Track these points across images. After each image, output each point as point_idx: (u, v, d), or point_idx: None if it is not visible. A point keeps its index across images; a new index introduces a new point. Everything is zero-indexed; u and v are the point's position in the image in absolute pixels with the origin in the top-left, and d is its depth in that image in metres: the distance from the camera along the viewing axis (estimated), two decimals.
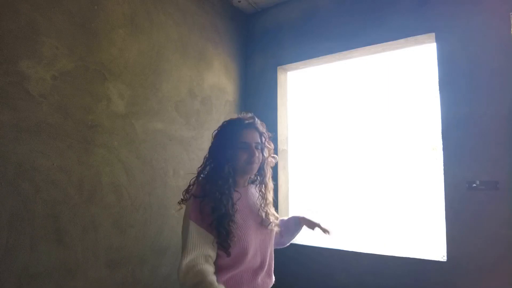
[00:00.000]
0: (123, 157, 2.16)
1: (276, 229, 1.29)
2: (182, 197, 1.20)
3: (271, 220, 1.26)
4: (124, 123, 2.17)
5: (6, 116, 1.62)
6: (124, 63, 2.19)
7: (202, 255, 1.06)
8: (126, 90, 2.19)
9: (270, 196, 1.30)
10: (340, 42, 2.81)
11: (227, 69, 3.14)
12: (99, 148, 2.02)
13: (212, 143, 1.25)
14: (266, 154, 1.27)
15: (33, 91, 1.72)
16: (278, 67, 3.19)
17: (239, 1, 3.18)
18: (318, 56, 2.94)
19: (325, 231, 1.34)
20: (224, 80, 3.09)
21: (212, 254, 1.09)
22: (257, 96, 3.28)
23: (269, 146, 1.28)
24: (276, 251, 1.37)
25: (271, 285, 1.28)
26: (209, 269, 1.06)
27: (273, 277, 1.30)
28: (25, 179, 1.67)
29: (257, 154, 1.20)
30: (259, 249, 1.21)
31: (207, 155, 1.24)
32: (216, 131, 1.26)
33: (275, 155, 1.32)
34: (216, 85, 2.98)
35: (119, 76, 2.16)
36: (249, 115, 1.26)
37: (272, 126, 3.14)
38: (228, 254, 1.10)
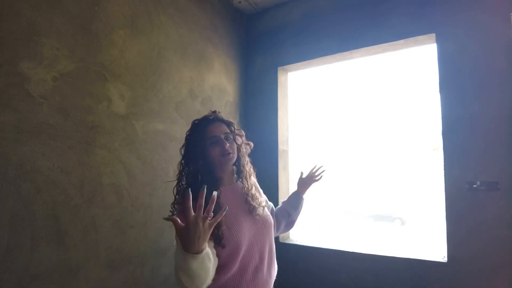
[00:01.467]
0: (124, 158, 2.16)
1: (264, 210, 1.26)
2: (171, 211, 1.18)
3: (258, 204, 1.24)
4: (125, 124, 2.18)
5: (7, 117, 1.62)
6: (124, 64, 2.19)
7: None
8: (126, 91, 2.20)
9: (251, 181, 1.30)
10: (340, 43, 2.81)
11: (227, 70, 3.14)
12: (100, 149, 2.02)
13: (185, 147, 1.24)
14: (239, 141, 1.27)
15: (34, 92, 1.72)
16: (278, 68, 3.19)
17: (239, 2, 3.18)
18: (319, 56, 2.94)
19: (318, 175, 1.60)
20: (225, 80, 3.09)
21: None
22: (258, 96, 3.28)
23: (240, 133, 1.29)
24: (277, 251, 1.35)
25: (273, 281, 1.25)
26: None
27: (274, 272, 1.27)
28: (26, 180, 1.68)
29: (228, 144, 1.20)
30: (255, 242, 1.18)
31: (182, 160, 1.23)
32: (187, 133, 1.27)
33: (249, 142, 1.33)
34: (217, 86, 2.99)
35: (120, 77, 2.16)
36: (212, 110, 1.28)
37: (273, 127, 3.15)
38: (223, 246, 1.08)
